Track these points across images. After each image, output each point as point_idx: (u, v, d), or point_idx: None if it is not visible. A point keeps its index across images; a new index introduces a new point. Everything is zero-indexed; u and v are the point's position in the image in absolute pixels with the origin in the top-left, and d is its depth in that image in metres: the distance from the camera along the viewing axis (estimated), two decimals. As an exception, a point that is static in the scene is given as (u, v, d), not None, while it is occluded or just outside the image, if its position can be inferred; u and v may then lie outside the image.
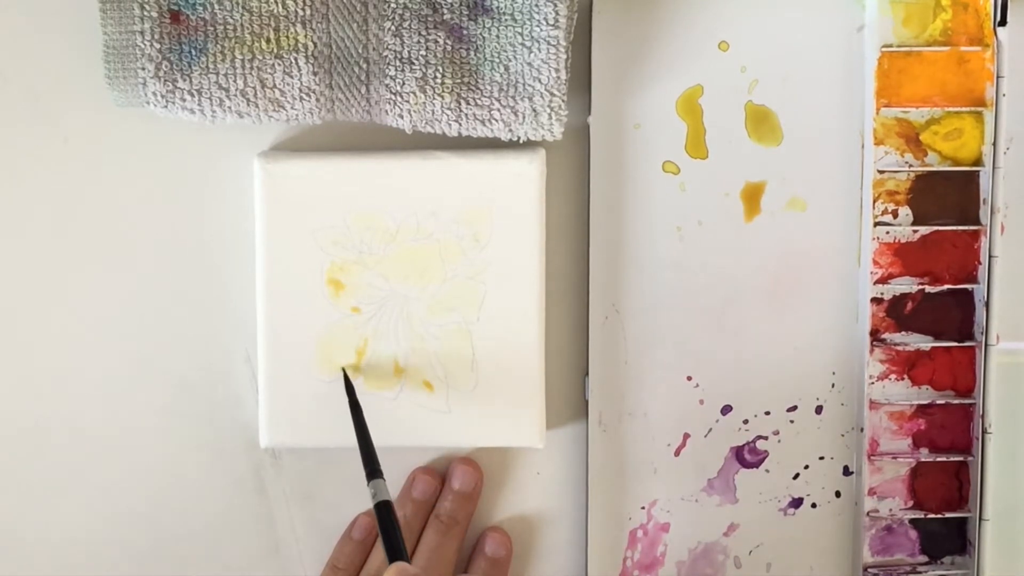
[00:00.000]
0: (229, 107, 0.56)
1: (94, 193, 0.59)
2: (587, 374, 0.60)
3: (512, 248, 0.58)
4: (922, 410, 0.61)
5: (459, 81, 0.55)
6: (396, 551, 0.50)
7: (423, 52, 0.55)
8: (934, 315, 0.60)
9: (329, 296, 0.58)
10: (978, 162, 0.59)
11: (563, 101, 0.55)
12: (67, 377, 0.60)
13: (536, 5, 0.55)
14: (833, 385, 0.61)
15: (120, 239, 0.60)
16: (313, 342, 0.58)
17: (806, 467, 0.61)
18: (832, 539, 0.61)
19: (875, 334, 0.60)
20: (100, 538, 0.61)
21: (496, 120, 0.56)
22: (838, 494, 0.61)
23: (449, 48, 0.55)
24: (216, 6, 0.55)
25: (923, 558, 0.62)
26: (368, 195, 0.57)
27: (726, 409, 0.60)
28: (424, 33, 0.55)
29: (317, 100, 0.56)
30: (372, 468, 0.54)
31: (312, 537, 0.62)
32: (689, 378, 0.60)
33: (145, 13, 0.55)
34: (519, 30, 0.55)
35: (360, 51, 0.56)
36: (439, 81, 0.55)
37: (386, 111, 0.56)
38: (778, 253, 0.60)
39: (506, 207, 0.57)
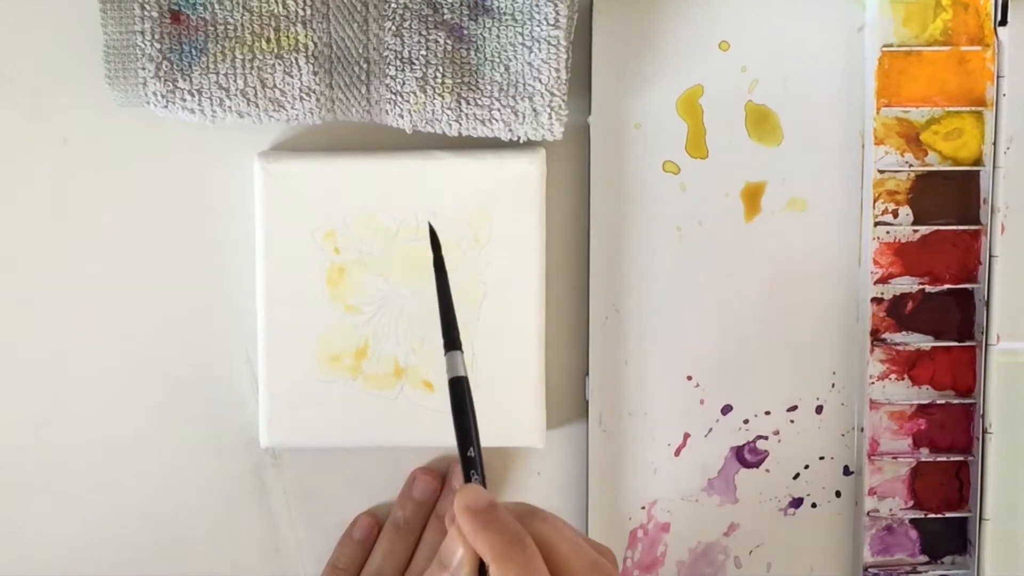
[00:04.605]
0: (229, 107, 0.56)
1: (94, 193, 0.59)
2: (587, 374, 0.60)
3: (512, 248, 0.58)
4: (922, 410, 0.61)
5: (459, 81, 0.55)
6: (466, 436, 0.47)
7: (423, 52, 0.55)
8: (934, 315, 0.60)
9: (329, 296, 0.58)
10: (978, 162, 0.59)
11: (563, 101, 0.55)
12: (66, 377, 0.60)
13: (536, 5, 0.55)
14: (833, 385, 0.61)
15: (120, 239, 0.60)
16: (313, 342, 0.58)
17: (806, 467, 0.61)
18: (832, 539, 0.61)
19: (875, 334, 0.60)
20: (100, 538, 0.61)
21: (496, 120, 0.56)
22: (838, 494, 0.61)
23: (449, 48, 0.55)
24: (216, 6, 0.55)
25: (923, 558, 0.62)
26: (368, 195, 0.57)
27: (726, 409, 0.60)
28: (424, 33, 0.55)
29: (317, 100, 0.56)
30: (450, 337, 0.49)
31: (312, 537, 0.62)
32: (689, 378, 0.60)
33: (145, 13, 0.55)
34: (519, 30, 0.55)
35: (360, 51, 0.56)
36: (439, 81, 0.55)
37: (386, 111, 0.56)
38: (778, 253, 0.60)
39: (506, 207, 0.57)
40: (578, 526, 0.61)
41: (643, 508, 0.61)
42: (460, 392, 0.48)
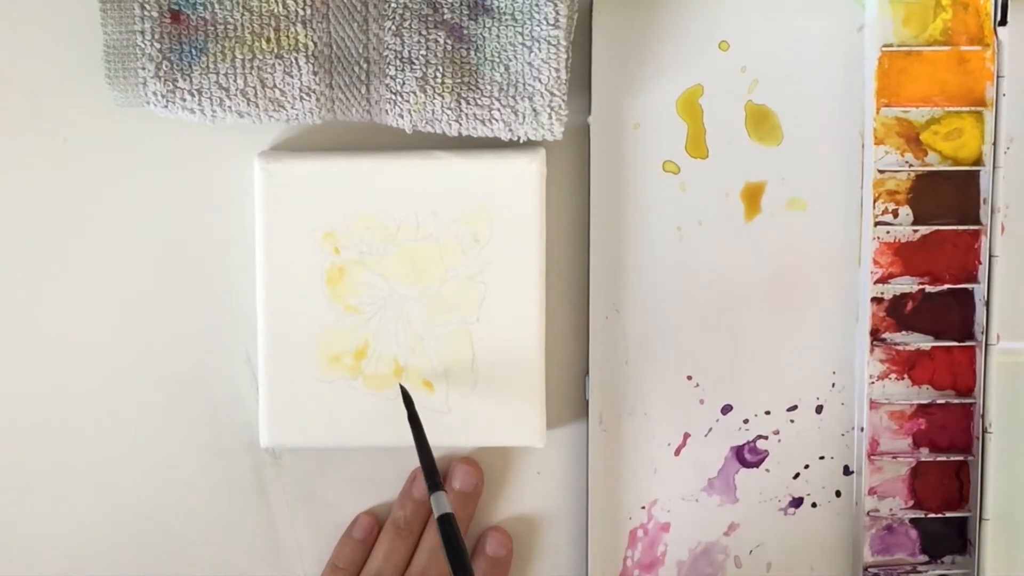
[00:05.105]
0: (229, 107, 0.56)
1: (94, 193, 0.59)
2: (587, 374, 0.60)
3: (512, 248, 0.58)
4: (922, 410, 0.61)
5: (459, 81, 0.55)
6: (464, 569, 0.50)
7: (423, 52, 0.55)
8: (934, 315, 0.60)
9: (329, 296, 0.58)
10: (978, 162, 0.59)
11: (563, 101, 0.55)
12: (67, 377, 0.60)
13: (536, 5, 0.55)
14: (833, 385, 0.61)
15: (120, 239, 0.60)
16: (313, 342, 0.58)
17: (806, 467, 0.61)
18: (832, 539, 0.61)
19: (875, 334, 0.60)
20: (100, 538, 0.61)
21: (496, 120, 0.56)
22: (838, 494, 0.61)
23: (449, 48, 0.55)
24: (216, 6, 0.55)
25: (923, 558, 0.62)
26: (368, 195, 0.57)
27: (726, 409, 0.60)
28: (424, 33, 0.55)
29: (317, 100, 0.56)
30: (433, 481, 0.54)
31: (312, 537, 0.62)
32: (689, 378, 0.60)
33: (145, 13, 0.55)
34: (519, 30, 0.55)
35: (360, 51, 0.56)
36: (439, 81, 0.55)
37: (386, 111, 0.56)
38: (778, 253, 0.60)
39: (506, 207, 0.57)
40: (578, 526, 0.61)
41: (643, 508, 0.61)
42: (449, 528, 0.51)
